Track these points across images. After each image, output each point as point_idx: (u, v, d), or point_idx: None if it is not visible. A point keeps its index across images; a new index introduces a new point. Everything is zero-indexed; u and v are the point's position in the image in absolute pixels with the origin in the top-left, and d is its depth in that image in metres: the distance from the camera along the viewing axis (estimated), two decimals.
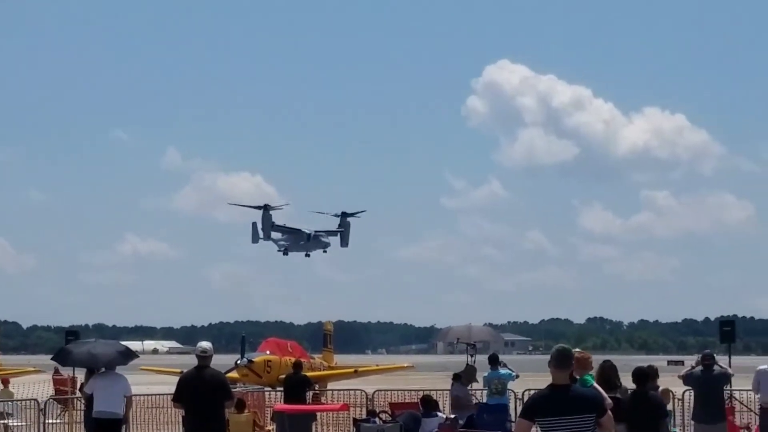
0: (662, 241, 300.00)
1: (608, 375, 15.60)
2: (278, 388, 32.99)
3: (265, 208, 56.38)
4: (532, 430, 10.43)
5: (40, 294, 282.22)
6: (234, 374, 39.85)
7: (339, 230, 58.39)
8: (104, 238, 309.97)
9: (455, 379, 26.34)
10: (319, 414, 27.58)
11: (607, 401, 11.31)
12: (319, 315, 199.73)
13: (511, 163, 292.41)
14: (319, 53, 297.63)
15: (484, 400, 25.89)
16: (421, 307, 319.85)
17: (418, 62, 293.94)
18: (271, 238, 57.63)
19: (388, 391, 30.80)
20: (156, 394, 30.11)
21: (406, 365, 54.21)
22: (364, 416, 24.59)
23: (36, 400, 29.35)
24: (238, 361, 41.29)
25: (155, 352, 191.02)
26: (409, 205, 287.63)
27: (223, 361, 34.64)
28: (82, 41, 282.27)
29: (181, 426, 19.71)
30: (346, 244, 58.98)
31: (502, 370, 25.07)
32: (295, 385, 27.30)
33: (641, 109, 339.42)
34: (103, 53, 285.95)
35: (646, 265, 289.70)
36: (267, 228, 56.65)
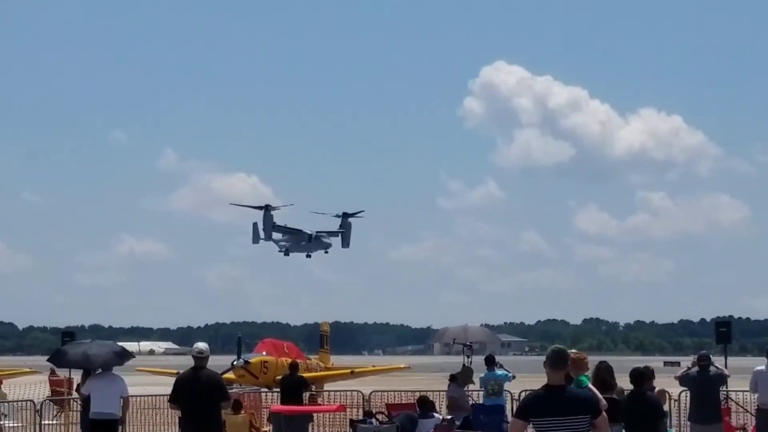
0: (658, 242, 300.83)
1: (604, 376, 15.61)
2: (275, 389, 33.01)
3: (267, 209, 56.08)
4: (527, 430, 10.44)
5: (36, 295, 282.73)
6: (230, 375, 39.86)
7: (340, 231, 58.10)
8: (101, 239, 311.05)
9: (452, 380, 26.38)
10: (315, 415, 27.52)
11: (602, 402, 11.31)
12: (315, 316, 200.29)
13: (507, 164, 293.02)
14: (316, 55, 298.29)
15: (481, 401, 25.89)
16: (418, 307, 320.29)
17: (415, 63, 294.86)
18: (272, 239, 57.41)
19: (384, 391, 30.78)
20: (152, 395, 30.12)
21: (402, 366, 54.06)
22: (361, 417, 24.53)
23: (32, 401, 29.32)
24: (235, 362, 41.29)
25: (151, 353, 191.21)
26: (406, 205, 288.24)
27: (219, 362, 34.63)
28: (79, 42, 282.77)
29: (177, 427, 19.73)
30: (347, 244, 58.60)
31: (499, 371, 25.09)
32: (291, 386, 27.28)
33: (637, 111, 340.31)
34: (101, 54, 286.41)
35: (642, 266, 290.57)
36: (268, 228, 56.32)
